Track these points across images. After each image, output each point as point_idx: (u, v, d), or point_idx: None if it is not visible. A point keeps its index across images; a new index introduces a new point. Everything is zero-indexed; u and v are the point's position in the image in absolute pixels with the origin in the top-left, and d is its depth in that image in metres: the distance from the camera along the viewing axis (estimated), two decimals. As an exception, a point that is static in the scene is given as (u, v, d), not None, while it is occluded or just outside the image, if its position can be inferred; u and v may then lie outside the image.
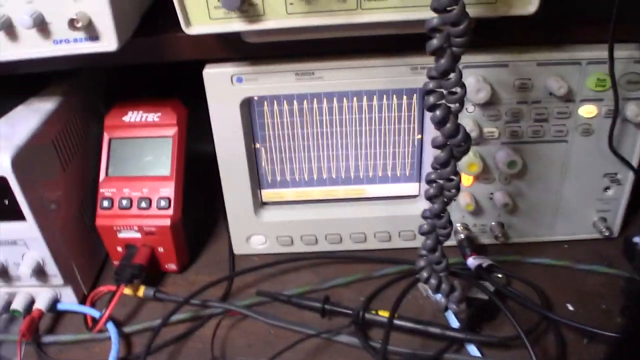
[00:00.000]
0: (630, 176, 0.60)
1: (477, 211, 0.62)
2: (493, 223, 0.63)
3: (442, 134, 0.44)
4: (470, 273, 0.58)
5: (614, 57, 0.51)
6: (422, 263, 0.50)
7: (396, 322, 0.54)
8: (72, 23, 0.45)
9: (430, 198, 0.47)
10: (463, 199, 0.60)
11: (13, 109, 0.55)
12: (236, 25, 0.47)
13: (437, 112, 0.43)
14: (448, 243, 0.62)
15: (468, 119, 0.56)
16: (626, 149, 0.59)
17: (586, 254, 0.63)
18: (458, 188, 0.46)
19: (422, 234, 0.48)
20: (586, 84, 0.55)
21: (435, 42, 0.41)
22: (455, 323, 0.55)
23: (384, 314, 0.55)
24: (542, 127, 0.57)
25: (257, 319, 0.56)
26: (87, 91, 0.62)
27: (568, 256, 0.63)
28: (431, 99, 0.43)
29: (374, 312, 0.55)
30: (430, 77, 0.43)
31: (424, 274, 0.50)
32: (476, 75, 0.54)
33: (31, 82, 0.57)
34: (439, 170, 0.46)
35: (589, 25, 0.53)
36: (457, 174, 0.46)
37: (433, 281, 0.49)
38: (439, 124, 0.43)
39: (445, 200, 0.47)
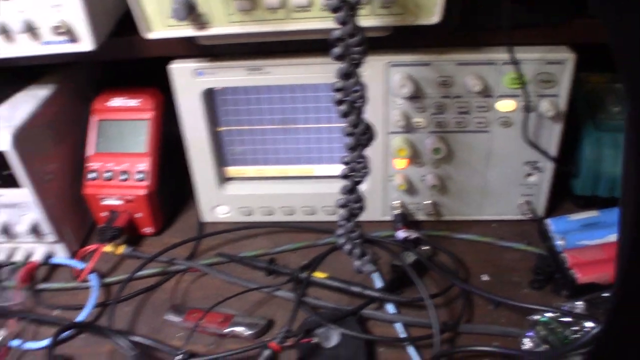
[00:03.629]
0: (550, 164, 0.71)
1: (412, 191, 0.73)
2: (426, 202, 0.74)
3: (347, 124, 0.56)
4: (398, 244, 0.71)
5: (517, 60, 0.62)
6: (340, 231, 0.62)
7: (325, 281, 0.67)
8: (55, 29, 0.59)
9: (343, 177, 0.58)
10: (397, 179, 0.72)
11: (14, 94, 0.70)
12: (187, 31, 0.60)
13: (342, 107, 0.55)
14: (386, 218, 0.75)
15: (397, 110, 0.68)
16: (544, 139, 0.69)
17: (510, 233, 0.74)
18: (365, 169, 0.58)
19: (338, 206, 0.60)
20: (503, 82, 0.66)
21: (336, 50, 0.52)
22: (378, 285, 0.67)
23: (319, 275, 0.67)
24: (465, 119, 0.68)
25: (214, 276, 0.70)
26: (78, 79, 0.77)
27: (493, 234, 0.74)
28: (337, 95, 0.55)
29: (310, 273, 0.67)
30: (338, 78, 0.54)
31: (340, 240, 0.62)
32: (401, 73, 0.65)
33: (30, 72, 0.72)
34: (349, 154, 0.57)
35: (499, 31, 0.62)
36: (363, 157, 0.57)
37: (347, 247, 0.61)
38: (344, 116, 0.55)
39: (356, 179, 0.58)
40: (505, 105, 0.67)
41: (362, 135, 0.56)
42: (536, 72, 0.65)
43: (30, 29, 0.59)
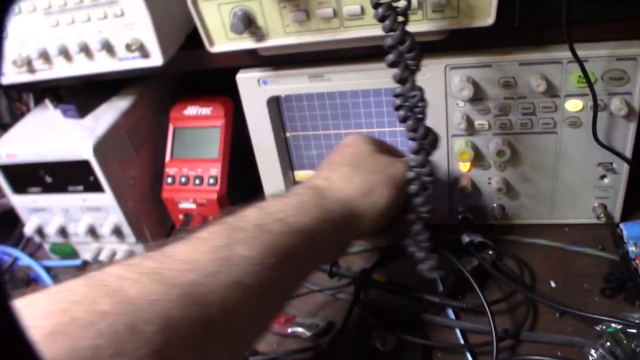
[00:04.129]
0: (626, 166, 0.67)
1: (477, 194, 0.73)
2: (494, 205, 0.73)
3: (406, 130, 0.56)
4: (462, 248, 0.70)
5: (579, 58, 0.59)
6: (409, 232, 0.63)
7: (385, 284, 0.67)
8: (128, 46, 0.64)
9: (409, 181, 0.59)
10: (461, 182, 0.71)
11: (98, 106, 0.76)
12: (247, 43, 0.63)
13: (400, 112, 0.56)
14: (452, 221, 0.75)
15: (458, 113, 0.67)
16: (618, 140, 0.66)
17: (583, 237, 0.71)
18: (431, 173, 0.58)
19: (408, 210, 0.61)
20: (570, 81, 0.64)
21: (390, 57, 0.53)
22: (440, 289, 0.67)
23: (379, 278, 0.68)
24: (531, 120, 0.66)
25: (280, 277, 0.73)
26: (156, 90, 0.82)
27: (564, 238, 0.71)
28: (397, 101, 0.56)
29: (368, 276, 0.69)
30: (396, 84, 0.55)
31: (406, 243, 0.63)
32: (460, 75, 0.65)
33: (112, 85, 0.78)
34: (414, 158, 0.58)
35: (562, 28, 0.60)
36: (428, 161, 0.58)
37: (412, 249, 0.62)
38: (402, 121, 0.56)
39: (422, 183, 0.59)
40: (574, 105, 0.65)
41: (423, 140, 0.56)
42: (605, 69, 0.62)
43: (107, 47, 0.65)
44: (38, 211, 0.78)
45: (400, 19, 0.53)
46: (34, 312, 0.35)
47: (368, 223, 0.56)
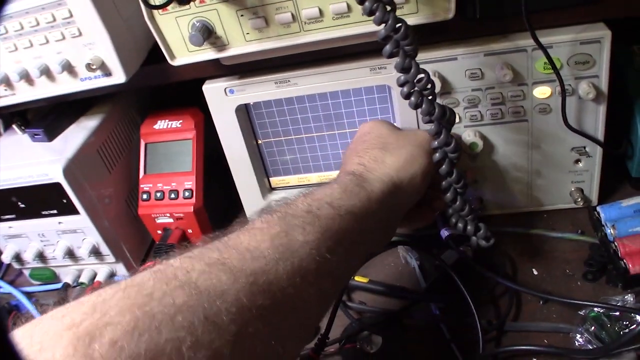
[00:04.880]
0: (599, 149, 0.67)
1: (454, 187, 0.72)
2: (471, 197, 0.73)
3: (422, 114, 0.56)
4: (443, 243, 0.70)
5: (542, 45, 0.59)
6: (449, 212, 0.62)
7: (369, 285, 0.67)
8: (89, 66, 0.63)
9: (437, 163, 0.58)
10: (436, 177, 0.71)
11: (67, 128, 0.75)
12: (209, 54, 0.62)
13: (411, 99, 0.55)
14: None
15: (427, 108, 0.67)
16: (589, 123, 0.66)
17: (562, 222, 0.71)
18: (457, 148, 0.57)
19: (442, 191, 0.61)
20: (536, 68, 0.64)
21: (388, 48, 0.53)
22: (422, 285, 0.67)
23: (360, 279, 0.68)
24: (500, 110, 0.66)
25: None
26: (124, 107, 0.82)
27: (544, 225, 0.71)
28: (404, 90, 0.55)
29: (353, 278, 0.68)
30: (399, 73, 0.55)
31: (452, 221, 0.62)
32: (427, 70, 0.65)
33: (80, 104, 0.77)
34: (436, 139, 0.58)
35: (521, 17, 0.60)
36: (451, 137, 0.57)
37: (460, 225, 0.62)
38: (415, 107, 0.55)
39: (451, 160, 0.58)
40: (542, 92, 0.65)
41: (441, 118, 0.56)
42: (570, 54, 0.62)
43: (68, 68, 0.64)
44: (14, 237, 0.77)
45: (388, 8, 0.52)
46: (109, 307, 0.35)
47: (410, 196, 0.58)
